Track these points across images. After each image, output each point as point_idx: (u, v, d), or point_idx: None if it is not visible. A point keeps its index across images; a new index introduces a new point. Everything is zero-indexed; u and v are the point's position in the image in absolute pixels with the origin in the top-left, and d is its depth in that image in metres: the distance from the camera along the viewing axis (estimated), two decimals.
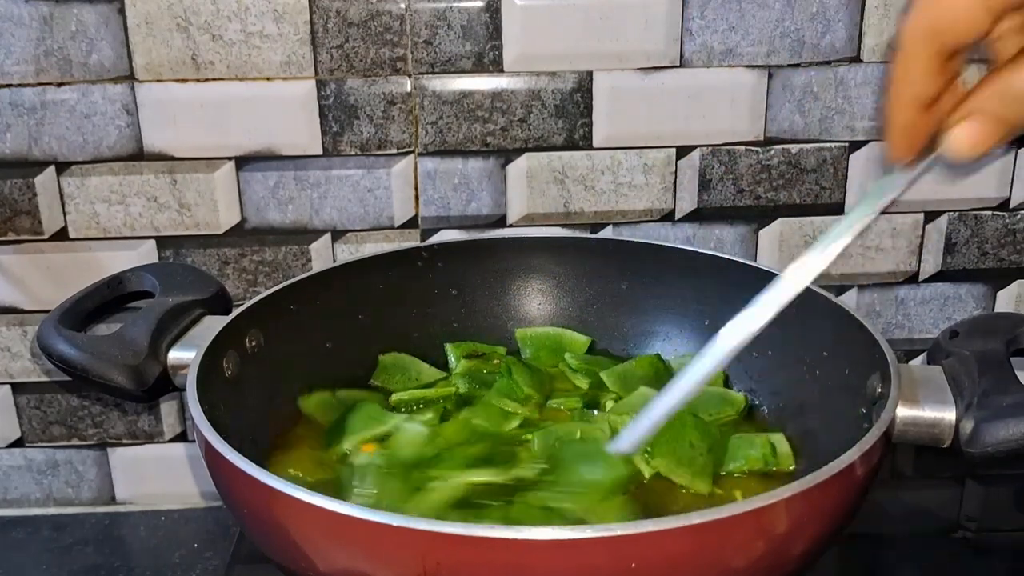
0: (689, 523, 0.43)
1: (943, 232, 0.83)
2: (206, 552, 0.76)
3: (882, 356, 0.58)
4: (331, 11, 0.75)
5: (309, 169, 0.79)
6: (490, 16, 0.75)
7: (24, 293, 0.81)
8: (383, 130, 0.78)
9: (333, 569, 0.48)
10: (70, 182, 0.78)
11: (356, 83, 0.76)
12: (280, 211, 0.80)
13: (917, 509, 0.76)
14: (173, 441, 0.86)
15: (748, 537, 0.45)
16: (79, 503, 0.87)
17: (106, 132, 0.77)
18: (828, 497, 0.48)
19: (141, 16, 0.74)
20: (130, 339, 0.60)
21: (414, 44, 0.76)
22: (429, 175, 0.79)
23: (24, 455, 0.86)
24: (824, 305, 0.65)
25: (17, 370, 0.83)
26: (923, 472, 0.81)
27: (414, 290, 0.75)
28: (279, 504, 0.47)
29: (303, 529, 0.47)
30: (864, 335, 0.60)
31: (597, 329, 0.76)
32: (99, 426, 0.85)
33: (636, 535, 0.43)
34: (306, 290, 0.69)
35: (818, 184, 0.81)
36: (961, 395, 0.54)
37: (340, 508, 0.45)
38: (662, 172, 0.80)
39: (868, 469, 0.50)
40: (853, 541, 0.70)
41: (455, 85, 0.77)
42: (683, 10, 0.76)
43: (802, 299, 0.49)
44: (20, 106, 0.76)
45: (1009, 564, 0.72)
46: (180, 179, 0.78)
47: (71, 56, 0.75)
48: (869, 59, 0.78)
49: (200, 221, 0.80)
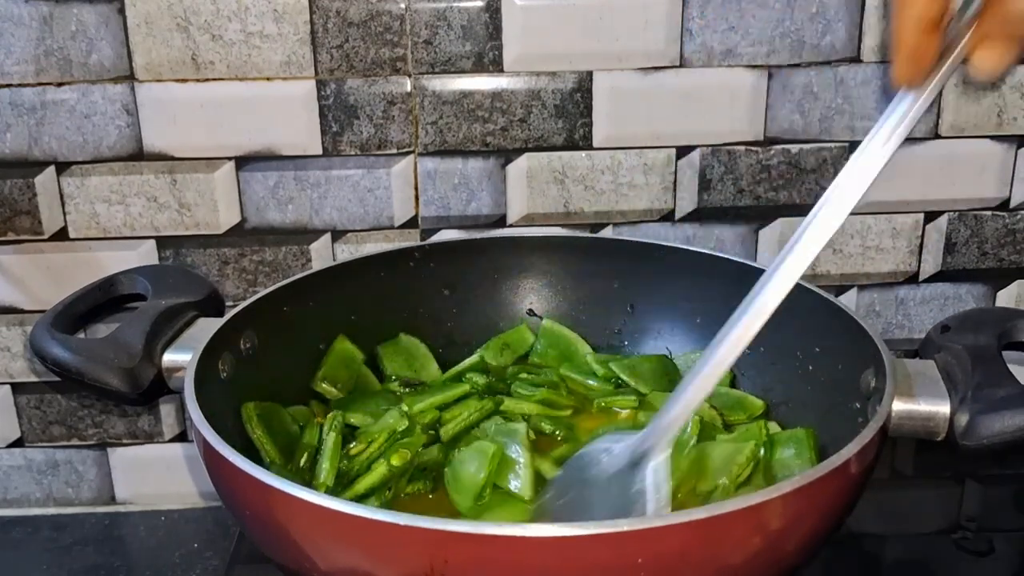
0: (692, 518, 0.43)
1: (943, 232, 0.83)
2: (206, 552, 0.76)
3: (876, 351, 0.58)
4: (331, 11, 0.75)
5: (309, 169, 0.79)
6: (490, 16, 0.75)
7: (24, 293, 0.81)
8: (383, 130, 0.78)
9: (336, 568, 0.48)
10: (70, 182, 0.78)
11: (356, 83, 0.76)
12: (280, 211, 0.80)
13: (917, 509, 0.76)
14: (173, 441, 0.86)
15: (748, 532, 0.45)
16: (79, 503, 0.87)
17: (106, 132, 0.77)
18: (827, 492, 0.48)
19: (141, 16, 0.74)
20: (124, 342, 0.60)
21: (414, 44, 0.76)
22: (429, 175, 0.79)
23: (24, 455, 0.86)
24: (816, 301, 0.65)
25: (17, 370, 0.83)
26: (923, 472, 0.81)
27: (406, 290, 0.75)
28: (281, 504, 0.47)
29: (306, 529, 0.47)
30: (857, 330, 0.60)
31: (591, 328, 0.77)
32: (99, 426, 0.85)
33: (642, 531, 0.43)
34: (298, 291, 0.69)
35: (818, 184, 0.81)
36: (955, 389, 0.55)
37: (345, 508, 0.45)
38: (662, 172, 0.80)
39: (865, 463, 0.50)
40: (853, 541, 0.71)
41: (455, 85, 0.77)
42: (683, 10, 0.76)
43: (794, 295, 0.49)
44: (20, 106, 0.76)
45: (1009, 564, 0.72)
46: (180, 179, 0.78)
47: (71, 56, 0.75)
48: (869, 59, 0.78)
49: (200, 221, 0.80)
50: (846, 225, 0.81)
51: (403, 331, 0.75)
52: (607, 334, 0.76)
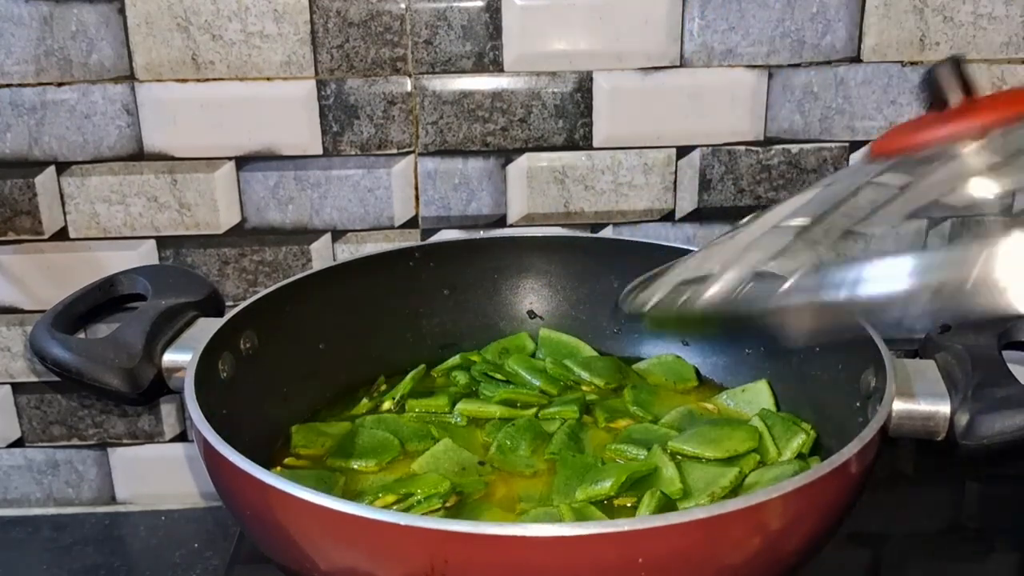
0: (693, 518, 0.43)
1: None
2: (206, 552, 0.76)
3: (876, 351, 0.58)
4: (331, 11, 0.75)
5: (309, 169, 0.79)
6: (490, 16, 0.75)
7: (24, 293, 0.81)
8: (383, 130, 0.78)
9: (336, 568, 0.48)
10: (70, 182, 0.78)
11: (356, 83, 0.76)
12: (280, 211, 0.80)
13: (917, 509, 0.76)
14: (173, 441, 0.86)
15: (748, 532, 0.45)
16: (79, 503, 0.87)
17: (106, 132, 0.77)
18: (828, 491, 0.48)
19: (141, 16, 0.74)
20: (124, 342, 0.60)
21: (414, 44, 0.76)
22: (429, 175, 0.79)
23: (24, 455, 0.86)
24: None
25: (17, 370, 0.83)
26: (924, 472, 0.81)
27: (406, 291, 0.75)
28: (280, 504, 0.47)
29: (306, 529, 0.47)
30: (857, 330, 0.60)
31: (591, 328, 0.77)
32: (99, 426, 0.85)
33: (642, 531, 0.43)
34: (298, 291, 0.69)
35: None
36: (955, 388, 0.55)
37: (346, 508, 0.45)
38: (662, 172, 0.80)
39: (866, 463, 0.50)
40: (854, 541, 0.70)
41: (455, 85, 0.77)
42: (683, 10, 0.76)
43: None
44: (20, 106, 0.76)
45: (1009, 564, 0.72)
46: (180, 179, 0.78)
47: (71, 56, 0.75)
48: (869, 59, 0.78)
49: (200, 221, 0.80)
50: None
51: (403, 331, 0.75)
52: (607, 334, 0.76)
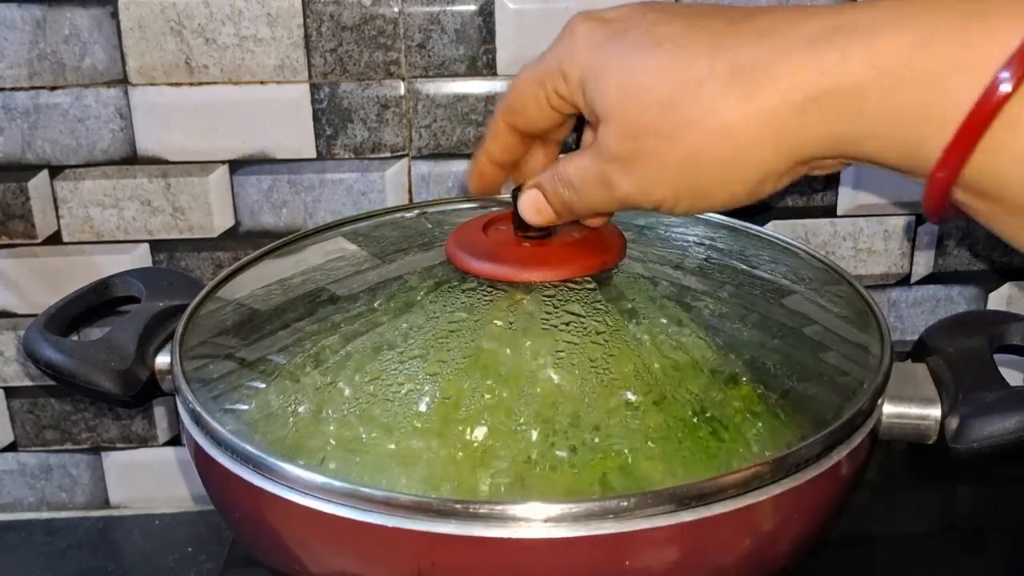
0: (680, 520, 0.43)
1: (934, 234, 0.83)
2: (200, 556, 0.76)
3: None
4: (325, 15, 0.75)
5: (303, 172, 0.79)
6: (483, 20, 0.76)
7: (18, 297, 0.81)
8: (377, 133, 0.78)
9: (325, 571, 0.48)
10: (63, 186, 0.78)
11: (350, 87, 0.77)
12: (274, 215, 0.80)
13: (912, 510, 0.76)
14: (167, 445, 0.86)
15: (737, 534, 0.45)
16: (73, 507, 0.87)
17: (99, 136, 0.77)
18: (816, 495, 0.48)
19: (134, 20, 0.74)
20: (117, 344, 0.60)
21: (407, 48, 0.76)
22: (423, 178, 0.79)
23: (17, 459, 0.86)
24: None
25: (10, 374, 0.83)
26: (917, 473, 0.81)
27: None
28: (269, 506, 0.47)
29: (295, 532, 0.47)
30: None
31: None
32: (92, 430, 0.85)
33: (629, 533, 0.43)
34: None
35: (810, 187, 0.81)
36: (946, 392, 0.55)
37: (333, 510, 0.45)
38: None
39: (855, 466, 0.50)
40: (848, 543, 0.71)
41: (449, 89, 0.77)
42: None
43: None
44: (13, 110, 0.76)
45: (1005, 565, 0.72)
46: (174, 183, 0.78)
47: (64, 60, 0.75)
48: None
49: (194, 225, 0.80)
50: (838, 228, 0.82)
51: None
52: None
